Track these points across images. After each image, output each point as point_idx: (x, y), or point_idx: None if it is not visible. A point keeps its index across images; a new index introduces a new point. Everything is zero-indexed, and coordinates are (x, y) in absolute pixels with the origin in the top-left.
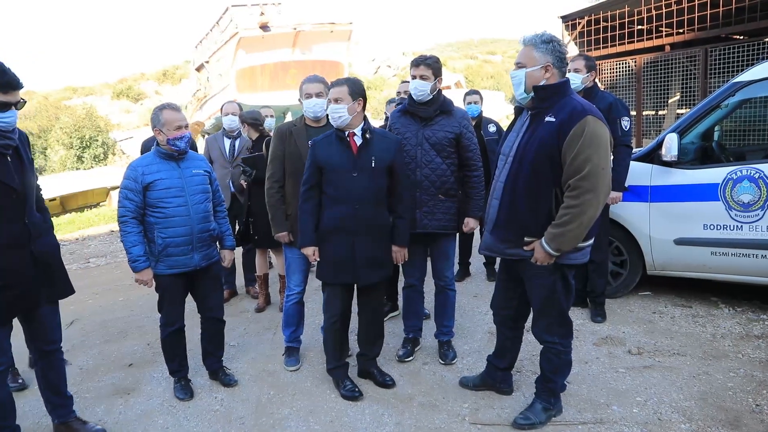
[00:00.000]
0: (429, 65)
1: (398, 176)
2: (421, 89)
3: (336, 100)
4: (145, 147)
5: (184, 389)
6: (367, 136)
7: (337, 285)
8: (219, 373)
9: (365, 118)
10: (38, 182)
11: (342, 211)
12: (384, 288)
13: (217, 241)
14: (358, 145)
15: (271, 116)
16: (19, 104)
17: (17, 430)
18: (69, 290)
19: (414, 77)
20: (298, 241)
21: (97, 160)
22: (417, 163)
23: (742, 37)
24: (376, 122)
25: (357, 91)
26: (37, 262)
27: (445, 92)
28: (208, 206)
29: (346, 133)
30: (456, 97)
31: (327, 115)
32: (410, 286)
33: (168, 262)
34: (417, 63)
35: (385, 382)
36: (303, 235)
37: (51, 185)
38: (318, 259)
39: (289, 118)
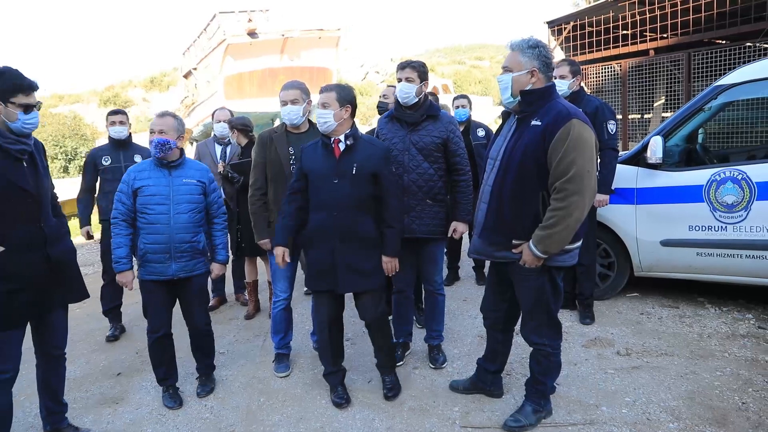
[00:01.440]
0: (414, 68)
1: (384, 185)
2: (406, 92)
3: (323, 105)
4: (91, 156)
5: (173, 398)
6: (348, 142)
7: (321, 292)
8: (201, 379)
9: (353, 125)
10: (55, 190)
11: (322, 216)
12: (384, 295)
13: (208, 254)
14: (341, 151)
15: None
16: (38, 105)
17: None
18: (84, 294)
19: (400, 80)
20: (273, 240)
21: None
22: (404, 168)
23: (724, 42)
24: (364, 128)
25: (345, 97)
26: (53, 266)
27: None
28: (193, 217)
29: (332, 139)
30: (442, 102)
31: (308, 122)
32: (399, 291)
33: (148, 269)
34: (402, 66)
35: (385, 394)
36: (276, 234)
37: None
38: (288, 261)
39: (277, 123)
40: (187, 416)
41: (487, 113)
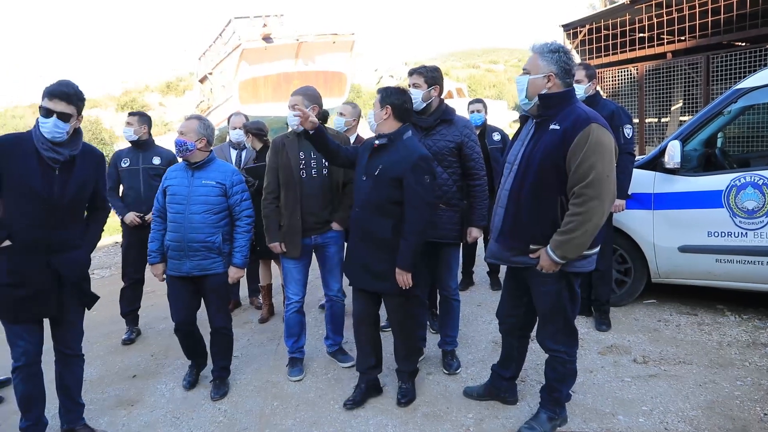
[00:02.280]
0: (421, 74)
1: (406, 193)
2: (413, 97)
3: (373, 105)
4: (115, 156)
5: (188, 377)
6: (378, 142)
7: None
8: (215, 382)
9: (401, 128)
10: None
11: (353, 211)
12: (406, 303)
13: (224, 254)
14: (372, 150)
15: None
16: (62, 114)
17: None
18: (87, 304)
19: (409, 86)
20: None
21: None
22: None
23: (743, 44)
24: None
25: (385, 99)
26: (53, 273)
27: (446, 101)
28: (208, 218)
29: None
30: (457, 106)
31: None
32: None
33: (169, 264)
34: (410, 73)
35: (398, 400)
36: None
37: None
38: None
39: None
40: (201, 419)
41: (502, 117)
